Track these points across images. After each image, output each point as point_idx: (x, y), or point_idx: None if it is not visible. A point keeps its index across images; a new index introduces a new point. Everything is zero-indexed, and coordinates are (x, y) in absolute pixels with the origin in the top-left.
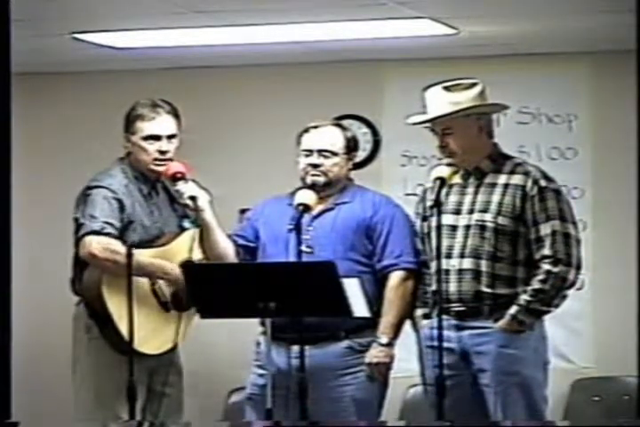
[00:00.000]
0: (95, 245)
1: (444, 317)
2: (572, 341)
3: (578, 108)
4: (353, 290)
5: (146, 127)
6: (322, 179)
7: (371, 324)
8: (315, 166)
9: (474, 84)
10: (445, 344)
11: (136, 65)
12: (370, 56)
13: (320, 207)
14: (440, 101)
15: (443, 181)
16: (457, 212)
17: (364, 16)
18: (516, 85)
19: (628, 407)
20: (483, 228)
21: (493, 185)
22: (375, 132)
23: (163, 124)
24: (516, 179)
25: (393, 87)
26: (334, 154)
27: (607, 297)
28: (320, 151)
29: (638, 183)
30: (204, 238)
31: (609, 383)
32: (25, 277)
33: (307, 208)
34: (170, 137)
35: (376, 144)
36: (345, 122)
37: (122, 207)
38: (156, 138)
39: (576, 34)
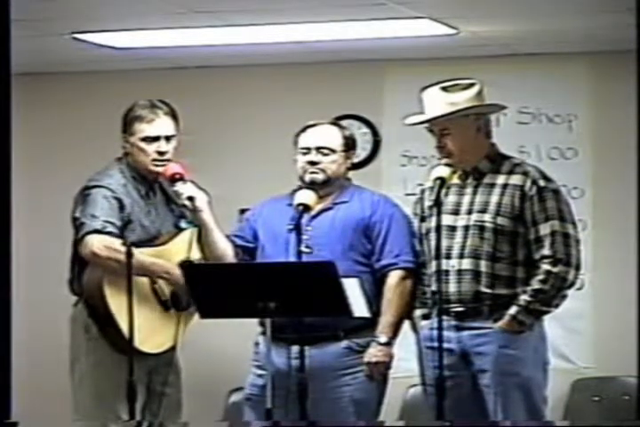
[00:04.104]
0: (97, 244)
1: (444, 317)
2: (572, 341)
3: (578, 108)
4: (352, 290)
5: (144, 129)
6: (320, 176)
7: (370, 324)
8: (313, 164)
9: (471, 85)
10: (445, 345)
11: (136, 65)
12: (370, 56)
13: (319, 207)
14: (437, 102)
15: (443, 181)
16: (455, 212)
17: (364, 16)
18: (516, 85)
19: (628, 407)
20: (482, 228)
21: (492, 185)
22: (375, 133)
23: (161, 125)
24: (515, 179)
25: (393, 87)
26: (332, 151)
27: (607, 297)
28: (318, 149)
29: (638, 183)
30: (203, 239)
31: (609, 383)
32: (25, 277)
33: (306, 208)
34: (168, 138)
35: (376, 144)
36: (345, 122)
37: (121, 206)
38: (155, 139)
39: (576, 34)
